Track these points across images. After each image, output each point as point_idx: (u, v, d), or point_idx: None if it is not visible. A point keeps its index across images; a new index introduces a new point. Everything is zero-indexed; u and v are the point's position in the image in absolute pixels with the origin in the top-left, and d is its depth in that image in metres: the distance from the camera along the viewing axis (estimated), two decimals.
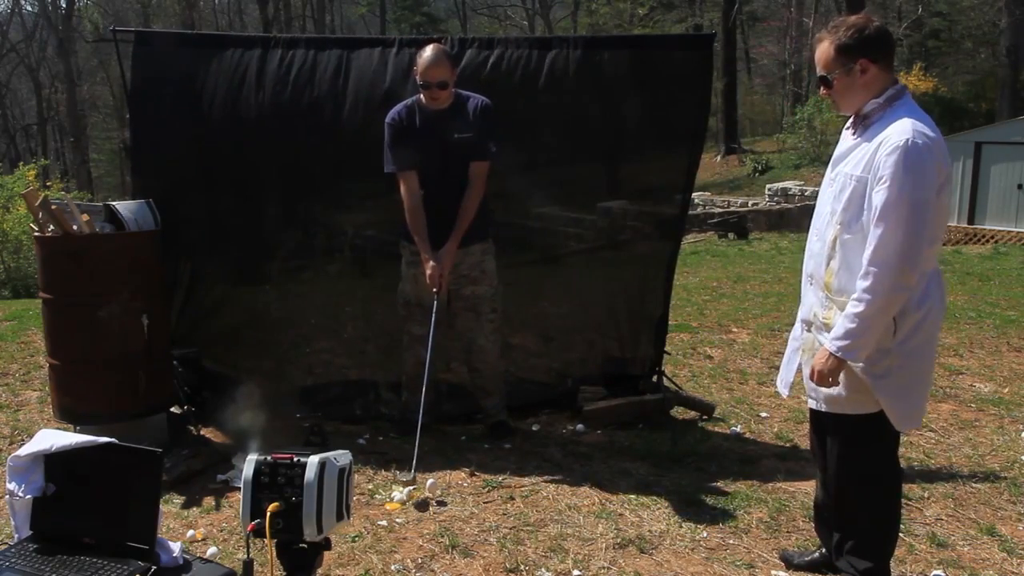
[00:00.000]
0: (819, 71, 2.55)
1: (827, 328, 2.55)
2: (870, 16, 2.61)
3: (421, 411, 3.75)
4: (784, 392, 2.86)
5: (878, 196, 2.36)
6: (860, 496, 2.66)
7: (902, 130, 2.36)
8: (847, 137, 2.60)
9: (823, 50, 2.51)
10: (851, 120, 2.59)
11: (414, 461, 3.63)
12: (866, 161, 2.43)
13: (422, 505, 3.40)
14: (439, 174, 3.83)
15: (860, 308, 2.39)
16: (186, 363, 4.35)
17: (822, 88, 2.58)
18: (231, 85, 4.14)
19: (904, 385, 2.52)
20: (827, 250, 2.56)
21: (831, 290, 2.55)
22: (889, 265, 2.34)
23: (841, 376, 2.51)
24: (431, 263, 3.80)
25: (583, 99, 4.27)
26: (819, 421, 2.74)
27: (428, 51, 3.73)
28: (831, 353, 2.46)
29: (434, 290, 3.83)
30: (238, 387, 3.47)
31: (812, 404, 2.71)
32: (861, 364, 2.48)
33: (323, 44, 4.26)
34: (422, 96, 3.83)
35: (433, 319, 3.83)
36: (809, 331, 2.68)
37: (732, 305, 7.97)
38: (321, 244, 4.49)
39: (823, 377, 2.49)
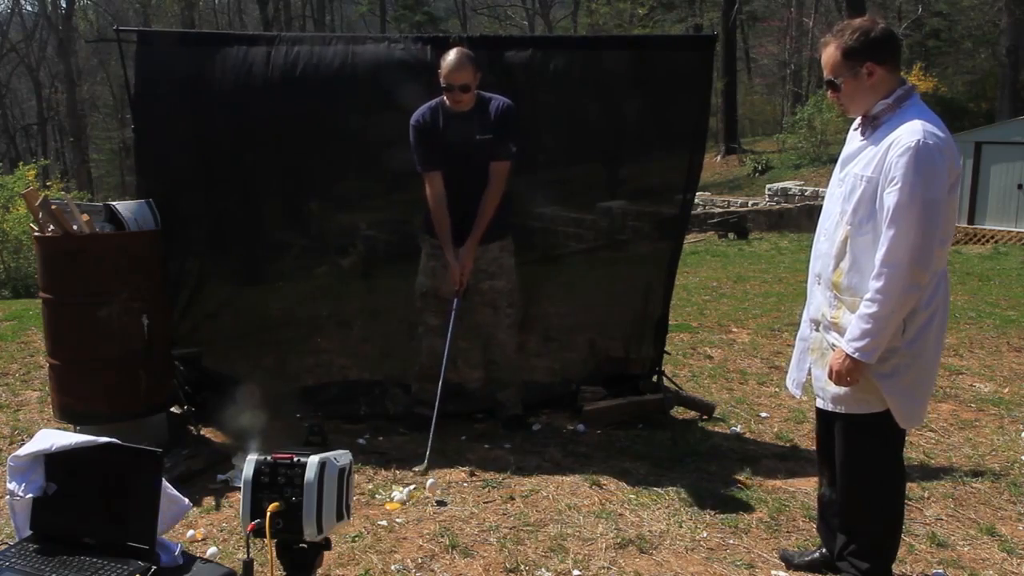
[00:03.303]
0: (826, 75, 2.56)
1: (835, 327, 2.56)
2: (875, 18, 2.62)
3: (438, 402, 3.82)
4: (797, 393, 2.87)
5: (890, 197, 2.37)
6: (865, 496, 2.66)
7: (912, 131, 2.37)
8: (855, 138, 2.60)
9: (829, 54, 2.52)
10: (859, 121, 2.60)
11: (427, 452, 3.68)
12: (876, 162, 2.43)
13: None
14: (461, 174, 3.90)
15: (874, 309, 2.40)
16: (187, 363, 4.35)
17: (830, 92, 2.59)
18: (234, 84, 4.13)
19: (910, 384, 2.53)
20: (836, 250, 2.56)
21: (839, 289, 2.56)
22: (902, 265, 2.36)
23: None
24: (450, 258, 3.89)
25: (584, 99, 4.28)
26: (826, 420, 2.75)
27: (452, 55, 3.78)
28: (847, 354, 2.47)
29: (455, 288, 3.92)
30: (238, 387, 3.48)
31: (820, 403, 2.72)
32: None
33: (327, 42, 4.26)
34: (446, 98, 3.88)
35: (453, 317, 3.92)
36: (817, 331, 2.69)
37: (732, 305, 7.97)
38: (324, 244, 4.50)
39: (841, 377, 2.51)
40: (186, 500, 2.21)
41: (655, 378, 4.60)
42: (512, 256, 4.11)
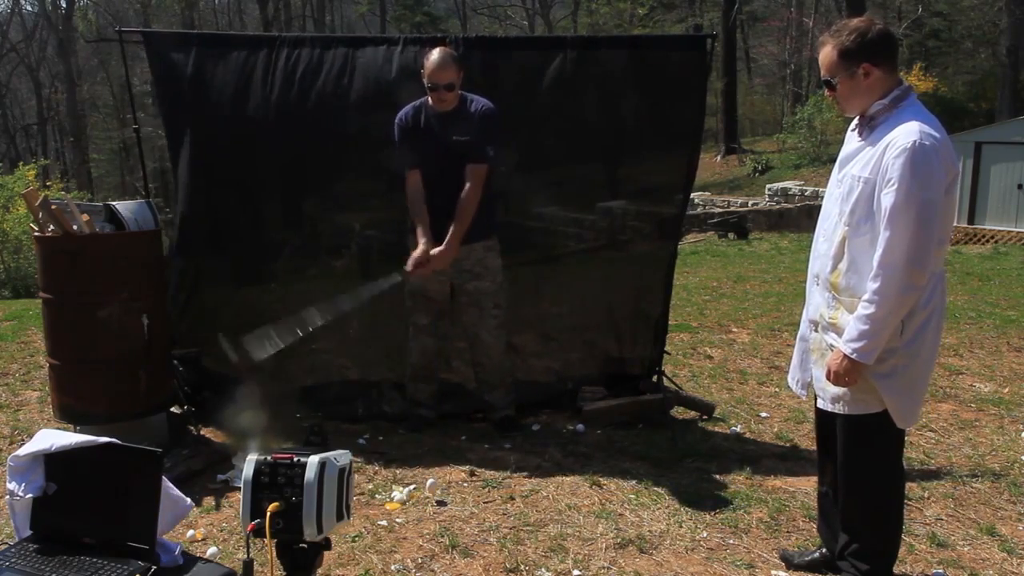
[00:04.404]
0: (823, 75, 2.57)
1: (833, 328, 2.57)
2: (872, 18, 2.62)
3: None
4: (802, 393, 2.87)
5: (886, 198, 2.37)
6: (865, 496, 2.67)
7: (909, 132, 2.38)
8: (853, 139, 2.61)
9: (826, 54, 2.53)
10: (856, 121, 2.60)
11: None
12: (873, 163, 2.44)
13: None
14: (438, 173, 3.88)
15: (872, 310, 2.41)
16: (186, 363, 4.35)
17: (827, 91, 2.60)
18: (237, 85, 4.14)
19: (908, 384, 2.54)
20: (835, 251, 2.57)
21: (838, 290, 2.56)
22: (899, 267, 2.36)
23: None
24: (422, 243, 3.81)
25: (582, 99, 4.27)
26: (826, 420, 2.75)
27: (435, 54, 3.79)
28: (845, 355, 2.47)
29: (406, 269, 3.80)
30: (238, 387, 3.47)
31: (820, 403, 2.72)
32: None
33: (328, 43, 4.26)
34: (429, 98, 3.87)
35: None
36: (816, 331, 2.69)
37: (732, 305, 7.97)
38: (324, 243, 4.50)
39: (839, 378, 2.52)
40: (188, 500, 2.22)
41: (655, 378, 4.59)
42: (498, 256, 4.07)
